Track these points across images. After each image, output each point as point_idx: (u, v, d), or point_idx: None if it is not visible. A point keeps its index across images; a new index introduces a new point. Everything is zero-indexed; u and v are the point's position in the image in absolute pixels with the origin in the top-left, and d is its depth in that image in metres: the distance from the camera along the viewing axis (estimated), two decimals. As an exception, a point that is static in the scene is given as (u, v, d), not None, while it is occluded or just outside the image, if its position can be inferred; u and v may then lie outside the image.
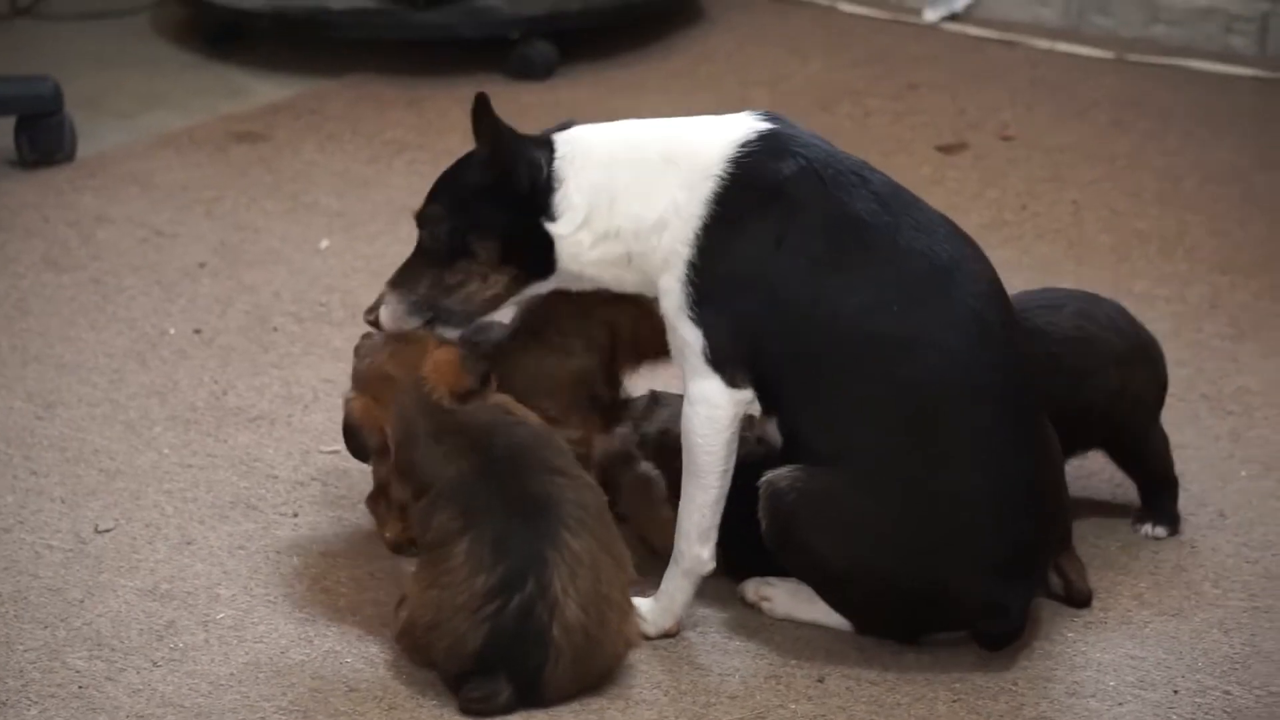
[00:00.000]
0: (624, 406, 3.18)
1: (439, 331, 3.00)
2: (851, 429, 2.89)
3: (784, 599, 3.04)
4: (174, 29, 5.65)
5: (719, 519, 2.96)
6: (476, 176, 2.97)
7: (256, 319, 3.97)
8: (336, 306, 4.02)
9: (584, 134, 3.01)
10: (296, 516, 3.31)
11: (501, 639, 2.76)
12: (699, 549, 2.97)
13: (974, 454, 2.87)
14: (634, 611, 2.89)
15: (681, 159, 2.93)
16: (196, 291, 4.09)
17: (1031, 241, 4.33)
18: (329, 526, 3.28)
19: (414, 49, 5.35)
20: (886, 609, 2.95)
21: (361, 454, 3.03)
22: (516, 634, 2.76)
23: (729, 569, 3.04)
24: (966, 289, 2.89)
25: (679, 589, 2.99)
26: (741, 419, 2.94)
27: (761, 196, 2.90)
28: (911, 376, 2.86)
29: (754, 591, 3.06)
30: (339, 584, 3.13)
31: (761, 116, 2.98)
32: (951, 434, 2.87)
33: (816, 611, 3.01)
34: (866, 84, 5.26)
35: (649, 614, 2.97)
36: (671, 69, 5.35)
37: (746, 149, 2.92)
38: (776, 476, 2.91)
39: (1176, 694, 2.89)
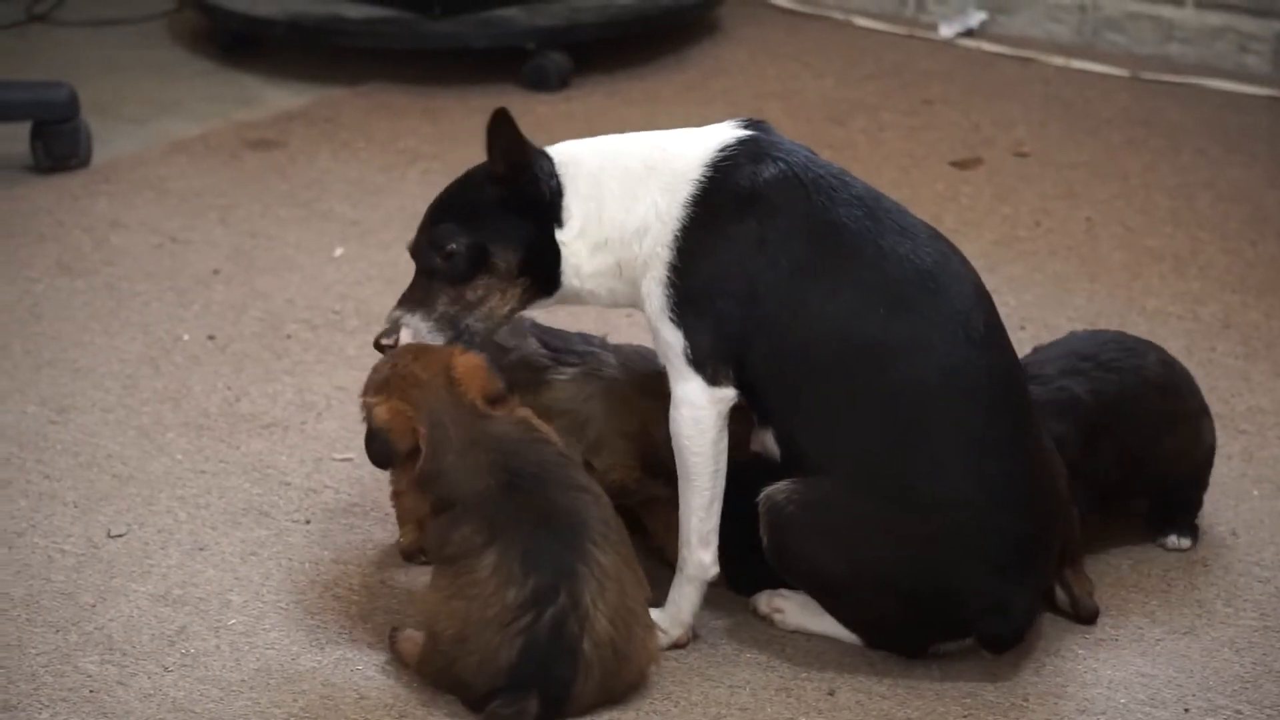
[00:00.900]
0: None
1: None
2: (841, 436, 2.89)
3: (795, 611, 3.04)
4: (189, 36, 5.66)
5: (717, 522, 2.96)
6: (491, 190, 2.97)
7: (270, 326, 3.98)
8: (350, 314, 4.02)
9: (573, 147, 3.02)
10: (309, 523, 3.31)
11: (535, 652, 2.73)
12: (701, 553, 2.97)
13: (964, 456, 2.87)
14: (655, 627, 2.89)
15: (662, 165, 2.95)
16: (210, 298, 4.09)
17: (1045, 258, 4.33)
18: (341, 533, 3.28)
19: (429, 58, 5.37)
20: (889, 617, 2.95)
21: (384, 460, 2.89)
22: (550, 648, 2.74)
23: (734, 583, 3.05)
24: (951, 292, 2.89)
25: (685, 596, 3.00)
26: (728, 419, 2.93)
27: (740, 200, 2.91)
28: (898, 380, 2.86)
29: (766, 603, 3.06)
30: (351, 591, 3.13)
31: (743, 124, 3.00)
32: (940, 437, 2.87)
33: (827, 624, 3.01)
34: (881, 99, 5.26)
35: (658, 624, 2.97)
36: (685, 81, 5.36)
37: (725, 154, 2.94)
38: (774, 491, 2.92)
39: (1187, 712, 2.89)
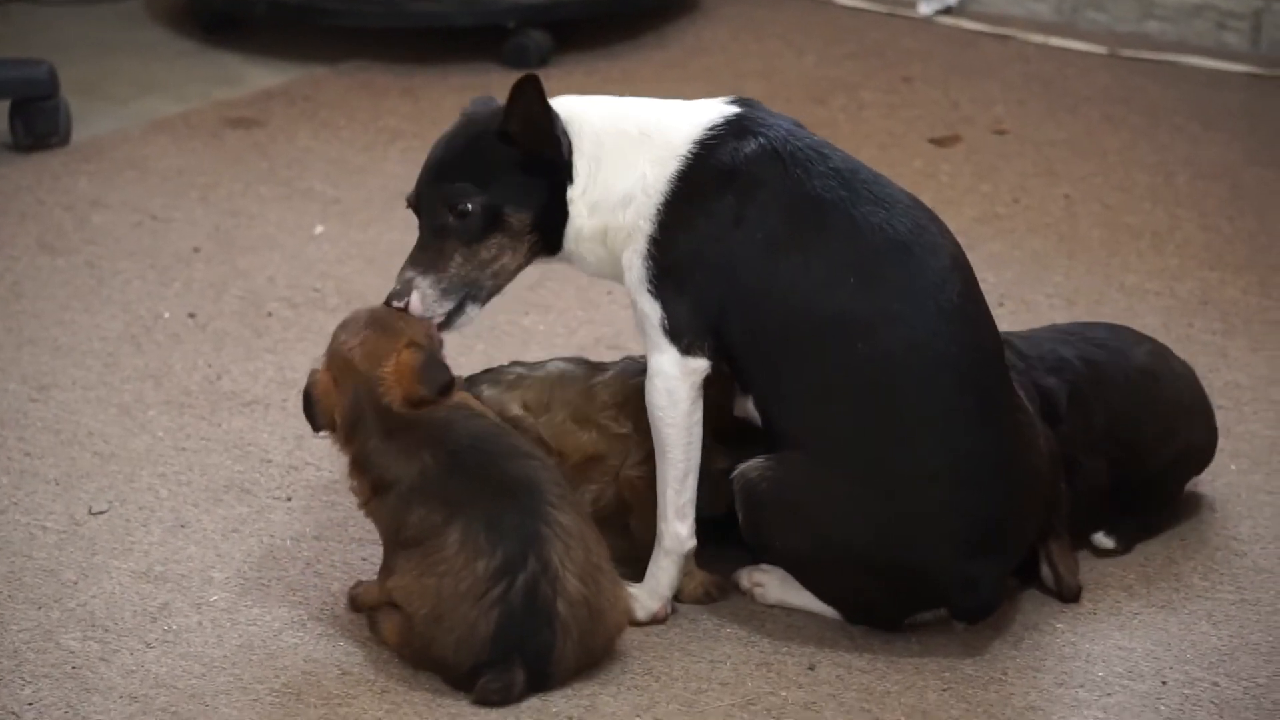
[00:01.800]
0: None
1: (468, 311, 2.97)
2: (814, 409, 2.90)
3: (776, 586, 3.05)
4: (169, 15, 5.65)
5: (693, 495, 2.97)
6: (505, 150, 2.95)
7: (251, 304, 3.98)
8: (330, 292, 4.03)
9: (577, 104, 3.03)
10: (290, 500, 3.32)
11: (513, 621, 2.76)
12: (677, 526, 2.98)
13: (935, 428, 2.87)
14: (621, 582, 2.90)
15: (655, 135, 2.97)
16: (191, 276, 4.10)
17: (1023, 235, 4.34)
18: (322, 510, 3.29)
19: (409, 37, 5.36)
20: (861, 591, 2.96)
21: (311, 423, 2.95)
22: (526, 614, 2.76)
23: None
24: (925, 263, 2.89)
25: (663, 570, 3.01)
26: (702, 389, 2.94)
27: (721, 176, 2.92)
28: (869, 353, 2.86)
29: (747, 578, 3.08)
30: (332, 567, 3.13)
31: (732, 101, 3.02)
32: (912, 409, 2.87)
33: (807, 598, 3.02)
34: (860, 77, 5.27)
35: (637, 598, 2.99)
36: (666, 60, 5.36)
37: (713, 132, 2.96)
38: (748, 468, 2.93)
39: (1165, 685, 2.90)
